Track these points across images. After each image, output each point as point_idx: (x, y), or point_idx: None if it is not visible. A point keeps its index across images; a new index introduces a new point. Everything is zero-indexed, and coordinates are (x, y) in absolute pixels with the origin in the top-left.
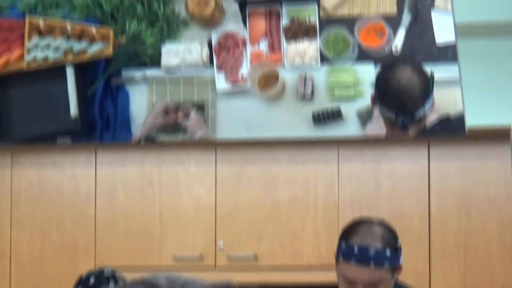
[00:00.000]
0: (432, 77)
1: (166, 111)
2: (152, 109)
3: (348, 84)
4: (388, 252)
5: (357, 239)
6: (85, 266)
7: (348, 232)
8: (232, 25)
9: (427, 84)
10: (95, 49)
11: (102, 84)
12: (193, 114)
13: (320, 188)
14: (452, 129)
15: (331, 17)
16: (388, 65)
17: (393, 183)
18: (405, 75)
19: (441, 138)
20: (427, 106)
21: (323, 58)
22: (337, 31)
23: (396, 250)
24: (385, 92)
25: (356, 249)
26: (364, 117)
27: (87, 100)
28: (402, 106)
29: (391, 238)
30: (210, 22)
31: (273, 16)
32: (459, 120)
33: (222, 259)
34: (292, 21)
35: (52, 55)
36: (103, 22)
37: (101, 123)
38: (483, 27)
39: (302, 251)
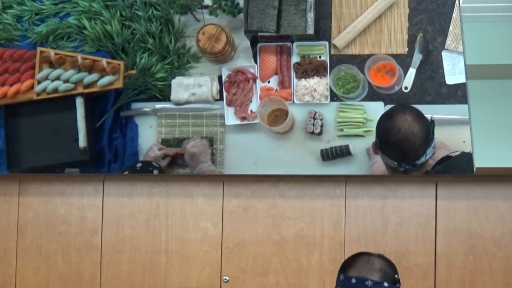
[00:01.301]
0: (433, 122)
1: (164, 155)
2: (147, 152)
3: (357, 122)
4: (386, 284)
5: (355, 272)
6: None
7: (346, 265)
8: (243, 60)
9: (428, 130)
10: (105, 81)
11: (111, 116)
12: (191, 145)
13: (326, 223)
14: (452, 169)
15: (342, 55)
16: (387, 113)
17: (400, 220)
18: (405, 124)
19: (449, 177)
20: (429, 152)
21: (333, 96)
22: (347, 69)
23: (394, 283)
24: (386, 142)
25: (354, 281)
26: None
27: (96, 131)
28: (404, 155)
29: (389, 271)
30: (221, 57)
31: (284, 53)
32: (459, 159)
33: None
34: (303, 58)
35: (62, 86)
36: (114, 55)
37: (109, 155)
38: (494, 68)
39: (307, 286)
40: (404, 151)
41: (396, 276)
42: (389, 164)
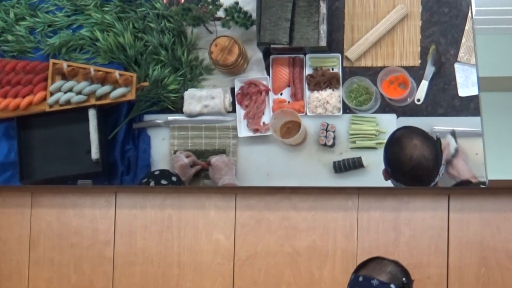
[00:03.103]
0: (439, 141)
1: (192, 164)
2: (173, 160)
3: (369, 134)
4: (392, 286)
5: (364, 271)
6: None
7: (359, 266)
8: (256, 72)
9: (437, 150)
10: (118, 93)
11: (124, 127)
12: (216, 159)
13: (339, 236)
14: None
15: (354, 67)
16: (393, 142)
17: (412, 232)
18: (416, 150)
19: (461, 190)
20: (441, 170)
21: (345, 108)
22: (360, 82)
23: (403, 287)
24: (400, 171)
25: (361, 279)
26: None
27: (108, 143)
28: (419, 181)
29: (399, 275)
30: (233, 69)
31: (297, 65)
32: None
33: None
34: (315, 70)
35: (74, 98)
36: (126, 67)
37: (122, 167)
38: (507, 81)
39: None
40: (420, 177)
41: (404, 279)
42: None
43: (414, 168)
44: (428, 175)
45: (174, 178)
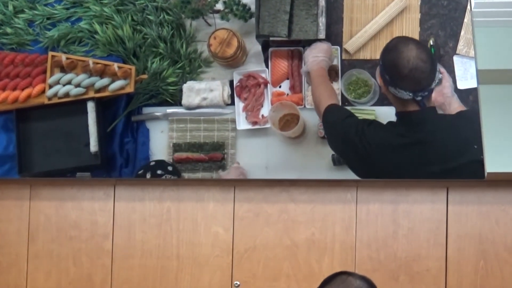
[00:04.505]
0: (432, 47)
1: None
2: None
3: None
4: None
5: None
6: None
7: (324, 282)
8: (254, 65)
9: (431, 54)
10: (116, 85)
11: (122, 120)
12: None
13: (337, 228)
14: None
15: (353, 60)
16: (389, 48)
17: (411, 225)
18: (412, 53)
19: (460, 182)
20: (437, 76)
21: (344, 100)
22: (359, 74)
23: None
24: (399, 76)
25: None
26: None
27: (107, 136)
28: (418, 83)
29: None
30: (232, 62)
31: (295, 57)
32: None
33: None
34: None
35: (73, 91)
36: (125, 59)
37: (120, 159)
38: (506, 73)
39: None
40: (418, 79)
41: None
42: (403, 97)
43: (413, 71)
44: (426, 78)
45: (170, 168)
